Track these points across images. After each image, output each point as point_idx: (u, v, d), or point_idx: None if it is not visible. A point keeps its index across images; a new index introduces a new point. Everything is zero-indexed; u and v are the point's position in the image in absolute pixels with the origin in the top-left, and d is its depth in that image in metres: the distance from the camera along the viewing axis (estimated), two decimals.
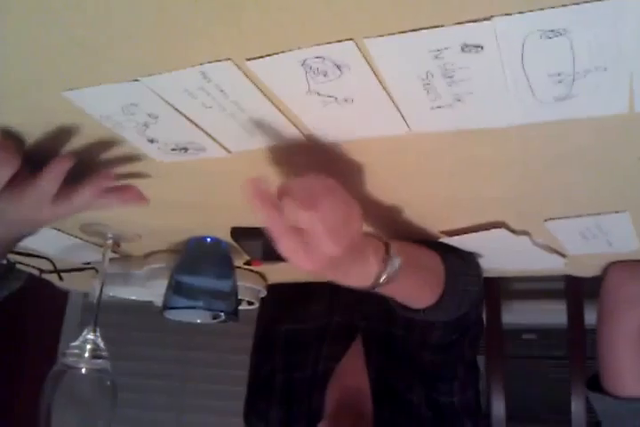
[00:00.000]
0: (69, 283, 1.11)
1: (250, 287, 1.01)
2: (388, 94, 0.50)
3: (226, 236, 0.85)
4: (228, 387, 2.28)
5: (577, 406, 1.48)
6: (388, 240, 0.68)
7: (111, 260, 0.92)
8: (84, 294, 2.46)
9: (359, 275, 0.65)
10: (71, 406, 0.90)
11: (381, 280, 0.66)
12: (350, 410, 1.07)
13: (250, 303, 1.04)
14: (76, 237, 0.90)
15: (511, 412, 1.55)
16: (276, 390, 1.14)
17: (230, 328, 2.17)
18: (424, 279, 0.78)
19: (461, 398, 1.02)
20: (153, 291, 0.99)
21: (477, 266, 0.92)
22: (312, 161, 0.63)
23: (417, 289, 0.77)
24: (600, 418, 1.03)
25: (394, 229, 0.82)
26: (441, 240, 0.84)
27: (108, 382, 0.90)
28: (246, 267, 0.98)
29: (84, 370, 0.85)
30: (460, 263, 0.85)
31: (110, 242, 0.87)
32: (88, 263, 1.01)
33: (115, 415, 0.91)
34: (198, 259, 0.90)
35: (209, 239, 0.90)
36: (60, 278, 1.03)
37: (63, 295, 2.54)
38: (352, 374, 1.10)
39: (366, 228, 0.75)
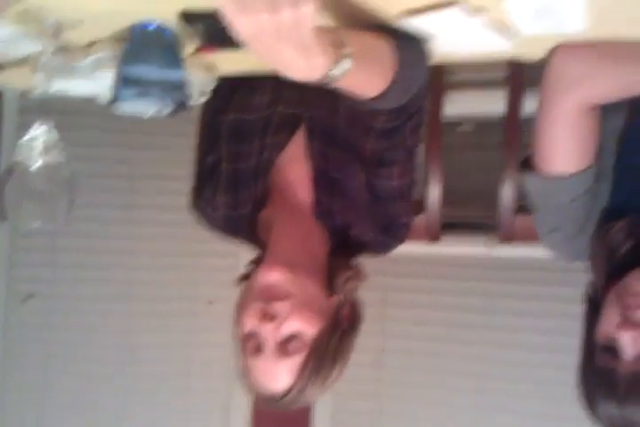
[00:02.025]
0: (7, 79, 1.07)
1: (198, 78, 0.99)
2: None
3: (174, 21, 0.82)
4: (176, 171, 2.32)
5: (506, 191, 1.59)
6: (344, 36, 0.69)
7: (53, 51, 0.88)
8: (19, 96, 2.36)
9: (304, 69, 0.66)
10: (28, 202, 0.92)
11: (327, 80, 0.69)
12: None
13: (200, 95, 1.03)
14: (13, 26, 0.84)
15: (445, 198, 1.67)
16: (221, 178, 1.18)
17: (170, 127, 2.17)
18: (375, 72, 0.79)
19: (399, 183, 1.08)
20: (99, 83, 0.96)
21: (428, 54, 0.93)
22: None
23: (366, 83, 0.79)
24: (528, 197, 1.11)
25: (351, 12, 0.80)
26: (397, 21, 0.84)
27: (66, 174, 0.91)
28: (195, 57, 0.95)
29: (37, 164, 0.85)
30: (411, 52, 0.86)
31: (51, 30, 0.83)
32: (27, 56, 0.96)
33: (73, 207, 0.94)
34: (143, 47, 0.87)
35: (153, 26, 0.86)
36: None
37: None
38: (294, 163, 1.14)
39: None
